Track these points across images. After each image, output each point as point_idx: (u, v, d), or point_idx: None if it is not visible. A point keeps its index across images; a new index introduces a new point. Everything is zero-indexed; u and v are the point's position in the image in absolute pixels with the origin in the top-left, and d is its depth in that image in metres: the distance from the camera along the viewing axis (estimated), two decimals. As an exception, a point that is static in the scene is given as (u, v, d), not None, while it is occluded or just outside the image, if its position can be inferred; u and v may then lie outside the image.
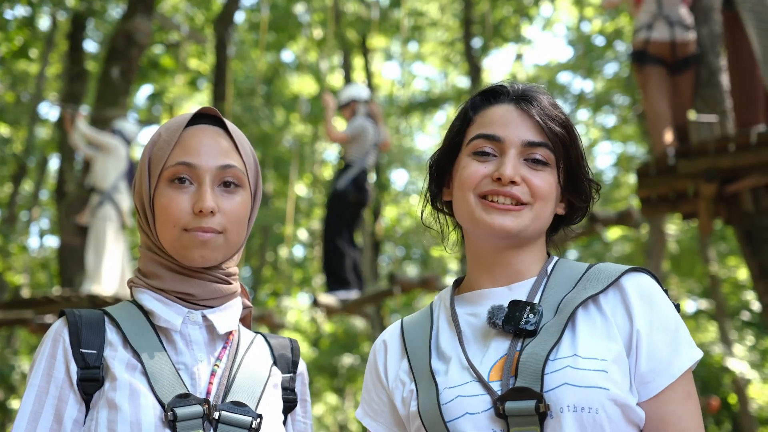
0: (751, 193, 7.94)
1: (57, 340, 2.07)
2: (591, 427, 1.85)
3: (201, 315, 2.18)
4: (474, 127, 2.16)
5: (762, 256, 7.94)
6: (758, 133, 7.40)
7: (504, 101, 2.15)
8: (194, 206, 2.10)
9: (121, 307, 2.19)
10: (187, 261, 2.14)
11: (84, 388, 2.02)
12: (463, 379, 1.99)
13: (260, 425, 2.09)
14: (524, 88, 2.16)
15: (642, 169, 8.40)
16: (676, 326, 2.00)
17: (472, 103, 2.21)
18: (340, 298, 11.12)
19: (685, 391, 1.96)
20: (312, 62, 25.21)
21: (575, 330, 1.97)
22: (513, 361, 1.96)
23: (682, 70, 8.39)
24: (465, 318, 2.14)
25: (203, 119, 2.23)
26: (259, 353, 2.28)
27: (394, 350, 2.22)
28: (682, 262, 21.92)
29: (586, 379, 1.87)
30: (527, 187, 2.06)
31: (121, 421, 1.95)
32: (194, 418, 2.00)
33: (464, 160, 2.14)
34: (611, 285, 2.03)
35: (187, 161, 2.13)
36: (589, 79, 23.91)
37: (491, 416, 1.91)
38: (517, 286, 2.12)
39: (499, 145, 2.09)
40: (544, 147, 2.07)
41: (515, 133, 2.08)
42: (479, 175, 2.08)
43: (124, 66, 13.35)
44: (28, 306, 10.94)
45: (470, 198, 2.09)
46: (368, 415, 2.24)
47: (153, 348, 2.08)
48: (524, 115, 2.10)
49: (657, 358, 1.95)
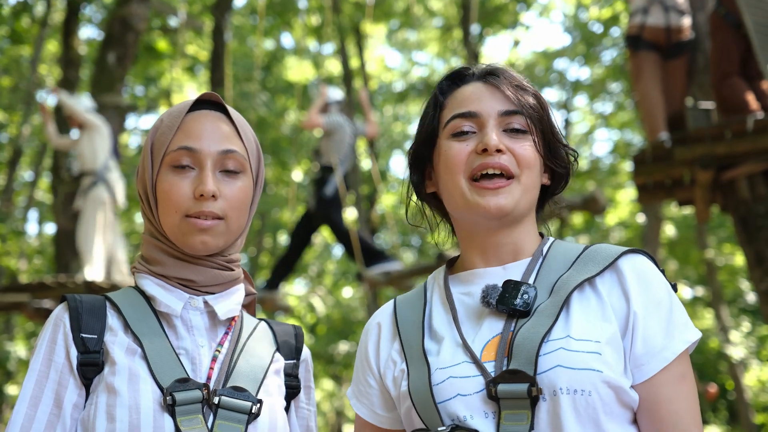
0: (748, 180, 7.92)
1: (58, 325, 2.08)
2: (584, 409, 1.85)
3: (202, 301, 2.18)
4: (447, 111, 2.15)
5: (758, 243, 7.94)
6: (755, 120, 7.39)
7: (471, 80, 2.16)
8: (195, 190, 2.10)
9: (123, 293, 2.19)
10: (188, 247, 2.14)
11: (84, 372, 2.03)
12: (455, 359, 1.98)
13: (260, 410, 2.09)
14: (487, 65, 2.18)
15: (638, 156, 8.40)
16: (671, 308, 1.98)
17: (440, 88, 2.21)
18: (385, 270, 11.17)
19: (678, 374, 1.94)
20: (309, 48, 25.17)
21: (569, 312, 1.96)
22: (507, 341, 1.95)
23: (675, 55, 8.37)
24: (458, 297, 2.13)
25: (205, 105, 2.23)
26: (262, 339, 2.28)
27: (386, 330, 2.21)
28: (679, 249, 21.96)
29: (579, 361, 1.86)
30: (513, 157, 2.05)
31: (119, 405, 1.95)
32: (193, 402, 2.00)
33: (444, 145, 2.12)
34: (608, 267, 2.02)
35: (189, 146, 2.13)
36: (586, 65, 23.94)
37: (483, 398, 1.90)
38: (511, 266, 2.11)
39: (477, 120, 2.08)
40: (520, 115, 2.07)
41: (489, 105, 2.09)
42: (464, 153, 2.07)
43: (120, 52, 13.32)
44: (24, 291, 10.93)
45: (461, 182, 2.07)
46: (354, 396, 2.24)
47: (153, 333, 2.09)
48: (494, 88, 2.11)
49: (651, 341, 1.94)
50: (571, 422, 1.84)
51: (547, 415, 1.86)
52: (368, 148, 21.84)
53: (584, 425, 1.85)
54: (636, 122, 21.79)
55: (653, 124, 8.16)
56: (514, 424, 1.86)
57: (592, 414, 1.85)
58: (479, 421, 1.89)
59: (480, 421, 1.89)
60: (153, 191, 2.16)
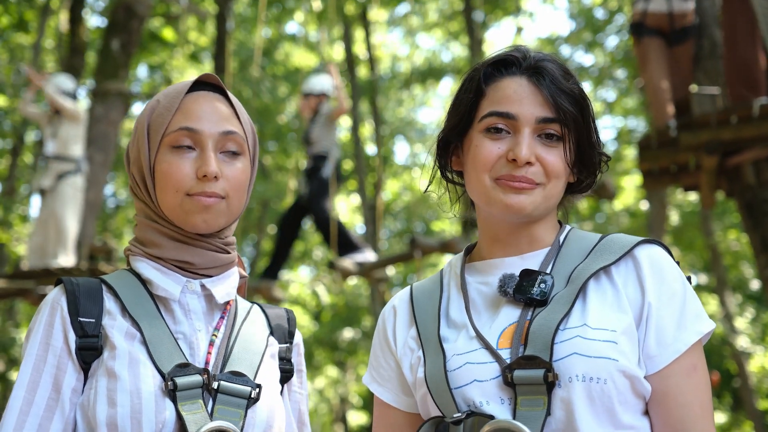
0: (753, 165, 7.92)
1: (55, 309, 2.06)
2: (599, 397, 1.85)
3: (199, 284, 2.17)
4: (486, 102, 2.11)
5: (763, 228, 7.93)
6: (760, 105, 7.37)
7: (516, 73, 2.10)
8: (198, 171, 2.10)
9: (118, 276, 2.17)
10: (189, 226, 2.13)
11: (83, 356, 2.02)
12: (472, 345, 1.98)
13: (259, 395, 2.08)
14: (536, 58, 2.11)
15: (643, 142, 8.39)
16: (685, 300, 1.98)
17: (484, 74, 2.14)
18: (357, 261, 11.20)
19: (690, 365, 1.94)
20: (312, 35, 25.13)
21: (586, 300, 1.97)
22: (523, 329, 1.95)
23: (681, 41, 8.33)
24: (475, 286, 2.13)
25: (202, 86, 2.22)
26: (257, 323, 2.28)
27: (403, 316, 2.21)
28: (684, 236, 21.93)
29: (595, 350, 1.87)
30: (541, 167, 2.03)
31: (120, 390, 1.94)
32: (194, 387, 2.00)
33: (477, 138, 2.10)
34: (624, 256, 2.02)
35: (190, 126, 2.12)
36: (590, 52, 23.88)
37: (499, 384, 1.90)
38: (529, 256, 2.11)
39: (513, 123, 2.05)
40: (557, 122, 2.04)
41: (528, 109, 2.04)
42: (494, 156, 2.05)
43: (124, 38, 13.29)
44: (29, 277, 10.94)
45: (485, 180, 2.06)
46: (375, 381, 2.24)
47: (152, 317, 2.08)
48: (537, 90, 2.05)
49: (663, 332, 1.94)
50: (584, 410, 1.85)
51: (562, 402, 1.86)
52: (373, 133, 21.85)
53: (598, 413, 1.86)
54: (640, 109, 21.75)
55: (659, 110, 8.14)
56: (530, 410, 1.86)
57: (607, 402, 1.86)
58: (495, 407, 1.89)
59: (496, 407, 1.89)
60: (151, 172, 2.14)
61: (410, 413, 2.17)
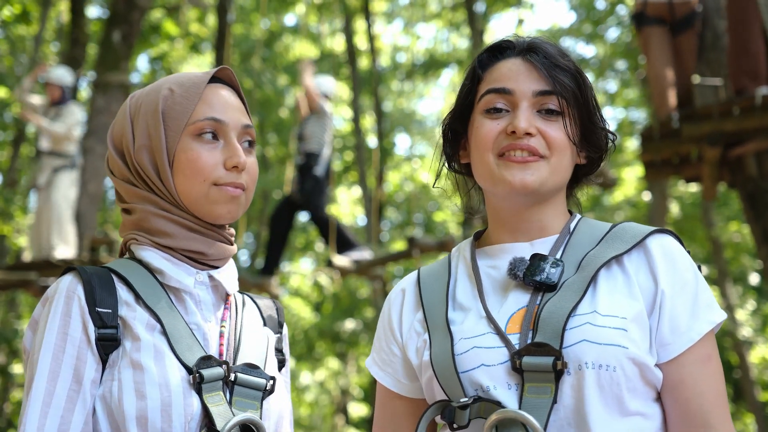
0: (755, 156, 7.92)
1: (71, 298, 2.01)
2: (608, 384, 1.85)
3: (207, 275, 2.17)
4: (483, 84, 2.13)
5: (765, 220, 7.93)
6: (763, 96, 7.35)
7: (511, 55, 2.13)
8: (227, 161, 2.10)
9: (125, 265, 2.13)
10: (212, 216, 2.12)
11: (102, 348, 1.99)
12: (480, 330, 1.98)
13: (273, 387, 2.10)
14: (530, 40, 2.14)
15: (646, 133, 8.38)
16: (698, 289, 1.99)
17: (479, 61, 2.18)
18: (354, 258, 11.26)
19: (705, 354, 1.95)
20: (313, 26, 25.11)
21: (596, 288, 1.97)
22: (533, 314, 1.95)
23: (683, 29, 8.31)
24: (484, 270, 2.13)
25: (214, 79, 2.22)
26: (253, 314, 2.29)
27: (410, 300, 2.22)
28: (685, 227, 21.93)
29: (605, 337, 1.87)
30: (543, 139, 2.04)
31: (149, 382, 1.93)
32: (216, 379, 2.00)
33: (477, 120, 2.11)
34: (635, 246, 2.02)
35: (217, 117, 2.12)
36: (591, 44, 23.87)
37: (507, 369, 1.90)
38: (539, 242, 2.11)
39: (510, 99, 2.06)
40: (555, 96, 2.05)
41: (525, 84, 2.06)
42: (494, 132, 2.06)
43: (125, 30, 13.27)
44: (31, 269, 10.95)
45: (489, 158, 2.07)
46: (376, 364, 2.24)
47: (168, 308, 2.06)
48: (532, 66, 2.07)
49: (677, 321, 1.94)
50: (594, 397, 1.85)
51: (571, 389, 1.86)
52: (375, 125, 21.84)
53: (607, 401, 1.86)
54: (642, 100, 21.74)
55: (661, 100, 8.13)
56: (537, 397, 1.86)
57: (616, 390, 1.86)
58: (502, 392, 1.89)
59: (503, 392, 1.89)
60: (170, 160, 2.12)
61: (410, 398, 2.18)
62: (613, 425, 1.86)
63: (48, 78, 11.46)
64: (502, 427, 1.84)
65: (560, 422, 1.86)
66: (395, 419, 2.21)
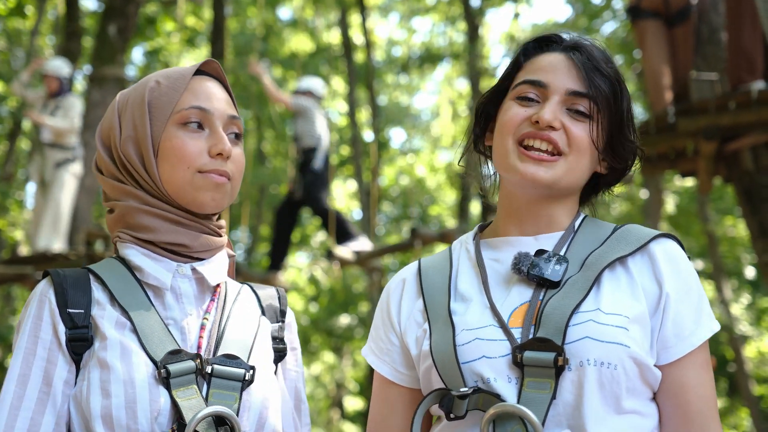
0: (751, 151, 7.92)
1: (42, 301, 2.04)
2: (609, 382, 1.86)
3: (190, 268, 2.16)
4: (522, 73, 2.14)
5: (761, 214, 7.94)
6: (759, 91, 7.35)
7: (555, 50, 2.13)
8: (212, 148, 2.11)
9: (105, 264, 2.15)
10: (197, 204, 2.12)
11: (73, 348, 2.00)
12: (483, 321, 1.98)
13: (253, 377, 2.07)
14: (578, 38, 2.14)
15: (642, 127, 8.31)
16: (700, 296, 2.02)
17: (524, 50, 2.19)
18: (354, 249, 11.30)
19: (704, 360, 1.98)
20: (309, 20, 25.09)
21: (600, 287, 1.97)
22: (535, 310, 1.96)
23: (678, 22, 8.29)
24: (487, 262, 2.13)
25: (200, 72, 2.23)
26: (247, 304, 2.27)
27: (410, 289, 2.22)
28: (681, 221, 21.95)
29: (607, 335, 1.87)
30: (565, 135, 2.04)
31: (114, 381, 1.93)
32: (187, 373, 1.98)
33: (507, 104, 2.13)
34: (639, 249, 2.03)
35: (202, 106, 2.13)
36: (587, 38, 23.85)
37: (508, 362, 1.90)
38: (544, 238, 2.11)
39: (543, 91, 2.07)
40: (588, 98, 2.04)
41: (560, 80, 2.06)
42: (519, 118, 2.07)
43: (121, 23, 13.25)
44: (27, 263, 10.95)
45: (508, 143, 2.08)
46: (373, 353, 2.24)
47: (141, 305, 2.06)
48: (572, 64, 2.08)
49: (681, 324, 1.96)
50: (593, 394, 1.85)
51: (571, 386, 1.87)
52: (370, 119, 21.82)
53: (606, 398, 1.87)
54: (638, 94, 21.75)
55: (657, 95, 8.12)
56: (536, 392, 1.86)
57: (616, 388, 1.87)
58: (502, 385, 1.89)
59: (503, 384, 1.89)
60: (154, 149, 2.13)
61: (406, 387, 2.17)
62: (609, 422, 1.86)
63: (45, 70, 11.46)
64: (499, 421, 1.84)
65: (558, 418, 1.87)
66: (392, 408, 2.20)
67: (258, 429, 2.06)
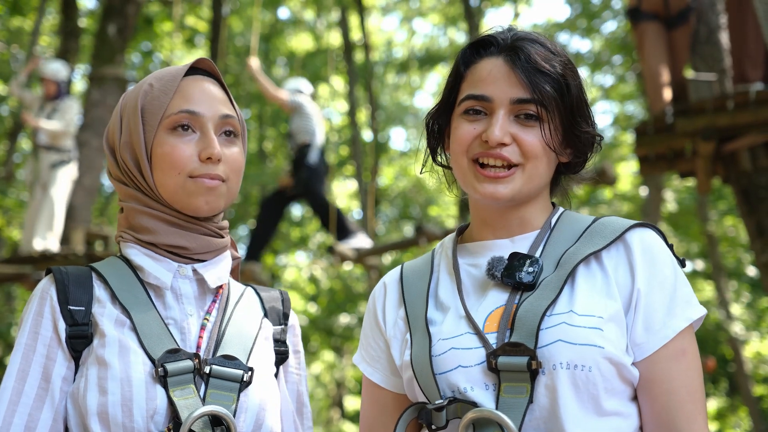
0: (749, 151, 7.91)
1: (44, 298, 2.06)
2: (584, 384, 1.84)
3: (191, 269, 2.17)
4: (465, 84, 2.11)
5: (759, 214, 7.94)
6: (757, 92, 7.37)
7: (493, 54, 2.08)
8: (201, 153, 2.10)
9: (108, 263, 2.17)
10: (191, 209, 2.13)
11: (73, 345, 2.02)
12: (458, 330, 1.97)
13: (251, 378, 2.08)
14: (513, 38, 2.08)
15: (640, 128, 8.37)
16: (675, 286, 1.97)
17: (462, 57, 2.15)
18: (354, 246, 11.29)
19: (679, 350, 1.93)
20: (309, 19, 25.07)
21: (574, 286, 1.95)
22: (510, 313, 1.94)
23: (678, 24, 8.30)
24: (465, 268, 2.12)
25: (195, 71, 2.23)
26: (250, 306, 2.28)
27: (392, 296, 2.21)
28: (680, 222, 21.95)
29: (581, 336, 1.86)
30: (518, 147, 2.01)
31: (111, 378, 1.94)
32: (185, 372, 1.99)
33: (456, 120, 2.11)
34: (615, 240, 2.01)
35: (191, 109, 2.13)
36: (587, 38, 23.85)
37: (484, 370, 1.90)
38: (519, 239, 2.10)
39: (488, 105, 2.04)
40: (534, 103, 2.01)
41: (503, 90, 2.02)
42: (469, 136, 2.05)
43: (120, 23, 13.25)
44: (27, 263, 10.95)
45: (463, 162, 2.06)
46: (365, 360, 2.24)
47: (141, 304, 2.07)
48: (512, 70, 2.03)
49: (652, 319, 1.93)
50: (569, 397, 1.84)
51: (546, 389, 1.86)
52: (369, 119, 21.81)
53: (582, 400, 1.85)
54: (637, 94, 21.74)
55: (656, 95, 8.12)
56: (513, 397, 1.85)
57: (592, 390, 1.85)
58: (479, 393, 1.89)
59: (480, 392, 1.89)
60: (147, 154, 2.13)
61: (398, 393, 2.17)
62: (589, 425, 1.85)
63: (43, 73, 11.46)
64: (479, 427, 1.84)
65: (536, 422, 1.86)
66: (385, 414, 2.20)
67: (255, 430, 2.07)
